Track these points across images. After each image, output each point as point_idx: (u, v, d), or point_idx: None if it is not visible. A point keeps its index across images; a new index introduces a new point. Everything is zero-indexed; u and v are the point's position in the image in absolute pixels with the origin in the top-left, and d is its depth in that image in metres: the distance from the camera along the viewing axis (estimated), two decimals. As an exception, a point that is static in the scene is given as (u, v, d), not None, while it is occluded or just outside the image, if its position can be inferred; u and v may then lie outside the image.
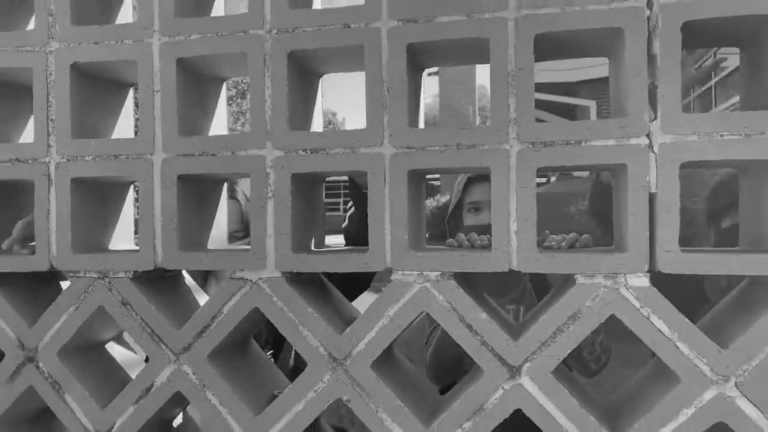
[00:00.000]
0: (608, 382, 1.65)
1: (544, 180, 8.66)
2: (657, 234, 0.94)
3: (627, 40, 0.95)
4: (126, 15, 1.28)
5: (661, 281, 0.95)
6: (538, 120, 1.00)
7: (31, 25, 1.30)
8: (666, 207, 0.93)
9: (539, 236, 1.28)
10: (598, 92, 11.38)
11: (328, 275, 1.66)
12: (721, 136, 0.92)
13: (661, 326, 0.94)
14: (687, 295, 1.13)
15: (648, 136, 0.94)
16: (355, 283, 1.65)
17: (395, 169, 1.02)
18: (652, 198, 0.95)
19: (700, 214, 1.89)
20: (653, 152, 0.94)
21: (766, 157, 0.91)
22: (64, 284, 1.28)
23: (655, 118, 0.94)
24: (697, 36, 1.00)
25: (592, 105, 11.48)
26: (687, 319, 0.94)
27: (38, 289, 1.28)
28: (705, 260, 0.92)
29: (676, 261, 0.93)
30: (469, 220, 1.71)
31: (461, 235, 1.14)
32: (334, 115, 38.71)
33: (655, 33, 0.95)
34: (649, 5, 0.94)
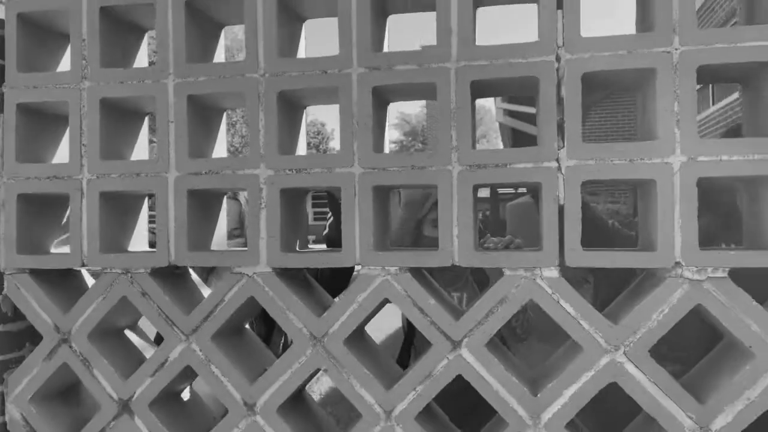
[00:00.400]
0: (533, 356, 1.93)
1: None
2: (565, 236, 1.21)
3: (541, 85, 1.22)
4: (141, 60, 1.54)
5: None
6: (517, 131, 1.27)
7: (63, 66, 1.56)
8: (571, 215, 1.20)
9: (482, 238, 1.56)
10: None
11: (318, 276, 1.92)
12: (612, 161, 1.20)
13: (568, 308, 1.21)
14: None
15: (557, 160, 1.22)
16: (338, 282, 1.92)
17: (363, 185, 1.29)
18: (561, 209, 1.22)
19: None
20: (561, 173, 1.22)
21: (647, 177, 1.19)
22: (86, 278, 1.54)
23: (563, 146, 1.22)
24: (597, 83, 1.28)
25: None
26: (587, 302, 1.21)
27: (66, 283, 1.53)
28: (597, 256, 1.20)
29: (578, 257, 1.20)
30: (429, 232, 2.01)
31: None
32: (323, 125, 38.99)
33: (563, 81, 1.22)
34: (558, 59, 1.22)
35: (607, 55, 1.20)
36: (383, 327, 5.08)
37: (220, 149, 1.54)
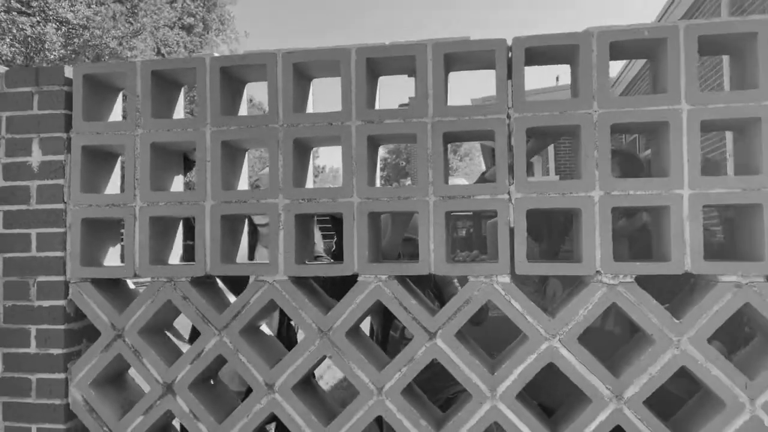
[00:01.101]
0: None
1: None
2: (515, 251, 1.59)
3: (496, 136, 1.61)
4: (179, 111, 1.92)
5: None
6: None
7: (115, 112, 1.93)
8: (519, 235, 1.59)
9: (453, 253, 1.95)
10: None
11: (327, 284, 2.23)
12: (549, 194, 1.58)
13: (517, 306, 1.59)
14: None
15: (508, 193, 1.61)
16: (344, 288, 2.28)
17: (360, 212, 1.66)
18: (511, 230, 1.60)
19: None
20: (511, 203, 1.60)
21: (575, 206, 1.58)
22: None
23: (512, 183, 1.61)
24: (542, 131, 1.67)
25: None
26: (531, 301, 1.59)
27: (116, 290, 1.88)
28: (539, 266, 1.58)
29: (524, 267, 1.58)
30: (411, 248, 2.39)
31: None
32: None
33: (512, 133, 1.61)
34: (508, 117, 1.61)
35: (546, 114, 1.59)
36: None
37: (243, 183, 1.91)
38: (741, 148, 1.66)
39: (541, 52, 1.65)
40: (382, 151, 1.97)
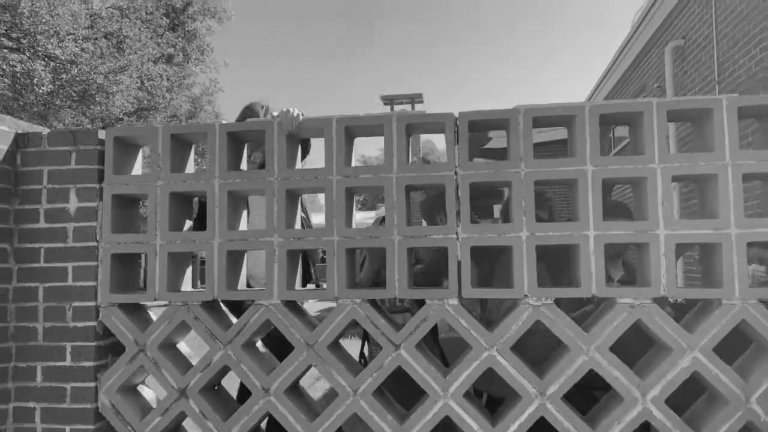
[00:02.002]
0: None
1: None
2: (462, 279, 2.02)
3: (447, 189, 2.05)
4: (190, 164, 2.33)
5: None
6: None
7: (137, 167, 2.34)
8: (465, 267, 2.01)
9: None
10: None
11: None
12: (488, 235, 2.02)
13: (463, 322, 2.02)
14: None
15: (456, 234, 2.04)
16: None
17: (339, 248, 2.08)
18: (459, 263, 2.03)
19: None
20: (459, 241, 2.03)
21: (507, 244, 2.01)
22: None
23: (459, 225, 2.04)
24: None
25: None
26: (474, 318, 2.01)
27: (136, 312, 2.27)
28: (481, 291, 2.01)
29: (469, 292, 2.01)
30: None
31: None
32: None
33: (459, 186, 2.05)
34: (456, 174, 2.06)
35: (485, 172, 2.04)
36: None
37: (243, 224, 2.32)
38: (636, 199, 2.12)
39: (481, 123, 2.11)
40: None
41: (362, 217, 15.55)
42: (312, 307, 12.25)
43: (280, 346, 2.40)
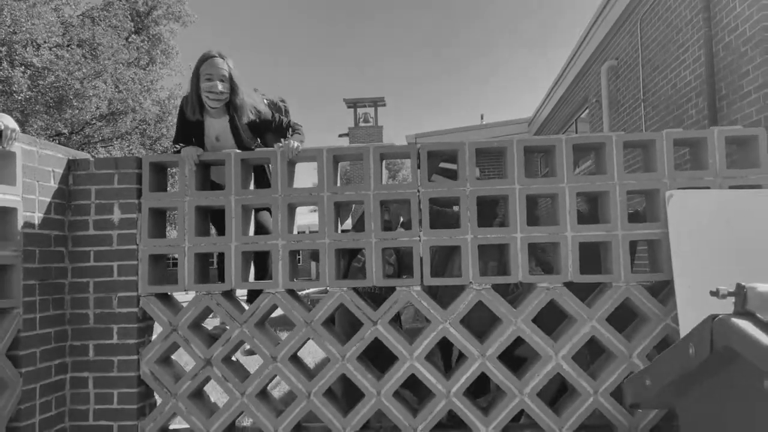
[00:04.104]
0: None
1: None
2: (423, 270, 2.68)
3: (411, 203, 2.71)
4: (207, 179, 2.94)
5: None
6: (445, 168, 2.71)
7: (165, 185, 2.93)
8: (425, 262, 2.68)
9: (389, 272, 3.03)
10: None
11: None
12: (443, 237, 2.69)
13: (424, 303, 2.68)
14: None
15: (419, 236, 2.70)
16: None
17: (330, 249, 2.72)
18: (421, 259, 2.69)
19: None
20: (420, 242, 2.69)
21: (457, 244, 2.69)
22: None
23: (421, 229, 2.70)
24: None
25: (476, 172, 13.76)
26: (434, 302, 2.68)
27: (167, 300, 2.86)
28: (439, 279, 2.68)
29: (428, 280, 2.67)
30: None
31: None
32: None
33: (421, 201, 2.71)
34: (418, 191, 2.72)
35: (441, 189, 2.71)
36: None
37: (252, 228, 2.94)
38: (552, 210, 2.82)
39: (438, 153, 2.78)
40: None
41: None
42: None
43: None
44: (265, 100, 3.33)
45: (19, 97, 11.49)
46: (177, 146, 3.02)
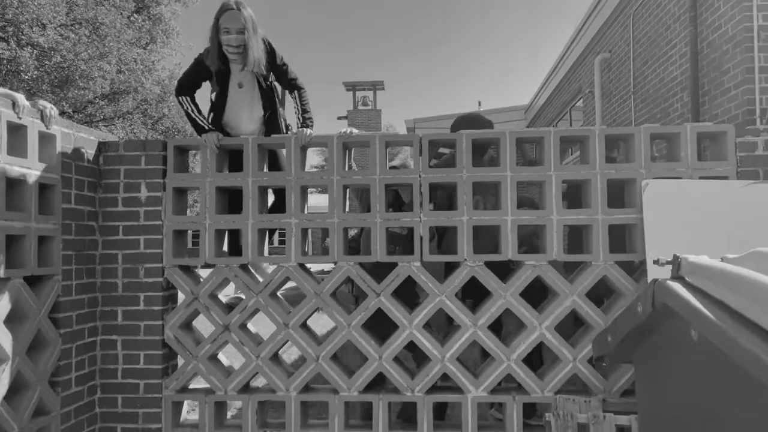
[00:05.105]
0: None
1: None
2: (423, 249, 2.97)
3: (414, 188, 2.99)
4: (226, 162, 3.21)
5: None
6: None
7: (187, 166, 3.19)
8: (425, 241, 2.96)
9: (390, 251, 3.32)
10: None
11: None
12: (441, 218, 2.97)
13: (423, 278, 2.97)
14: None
15: (419, 217, 2.98)
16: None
17: (339, 227, 3.00)
18: (420, 237, 2.98)
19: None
20: (421, 223, 2.98)
21: (453, 225, 2.97)
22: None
23: (421, 211, 2.99)
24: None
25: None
26: (431, 276, 2.97)
27: (188, 272, 3.14)
28: (434, 256, 2.97)
29: (427, 257, 2.96)
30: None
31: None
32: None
33: (422, 185, 2.99)
34: (420, 176, 2.99)
35: (439, 175, 2.98)
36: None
37: (267, 205, 3.21)
38: (540, 195, 3.10)
39: (438, 142, 3.05)
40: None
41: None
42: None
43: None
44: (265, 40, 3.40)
45: (26, 77, 11.66)
46: (183, 98, 3.23)
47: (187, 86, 3.24)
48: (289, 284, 3.60)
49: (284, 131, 3.43)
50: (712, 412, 1.21)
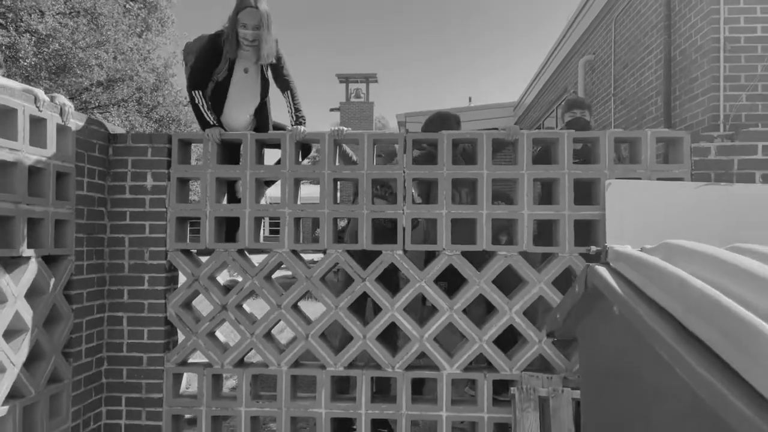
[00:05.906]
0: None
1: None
2: (405, 239, 3.25)
3: (398, 182, 3.27)
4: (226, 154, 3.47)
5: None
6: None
7: (191, 158, 3.46)
8: (407, 231, 3.25)
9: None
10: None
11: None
12: (427, 210, 3.26)
13: (405, 265, 3.26)
14: None
15: (403, 209, 3.27)
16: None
17: (329, 217, 3.28)
18: (404, 228, 3.26)
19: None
20: (404, 214, 3.26)
21: (434, 217, 3.26)
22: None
23: (405, 204, 3.27)
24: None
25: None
26: (412, 262, 3.26)
27: (190, 255, 3.41)
28: (415, 246, 3.26)
29: (408, 246, 3.25)
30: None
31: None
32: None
33: (406, 180, 3.27)
34: (404, 172, 3.27)
35: (423, 171, 3.26)
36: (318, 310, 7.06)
37: (268, 193, 3.49)
38: (513, 191, 3.39)
39: (422, 140, 3.33)
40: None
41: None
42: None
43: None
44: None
45: (25, 63, 11.81)
46: (196, 93, 3.44)
47: (200, 80, 3.47)
48: (281, 272, 3.87)
49: (271, 119, 3.73)
50: (629, 373, 1.50)
